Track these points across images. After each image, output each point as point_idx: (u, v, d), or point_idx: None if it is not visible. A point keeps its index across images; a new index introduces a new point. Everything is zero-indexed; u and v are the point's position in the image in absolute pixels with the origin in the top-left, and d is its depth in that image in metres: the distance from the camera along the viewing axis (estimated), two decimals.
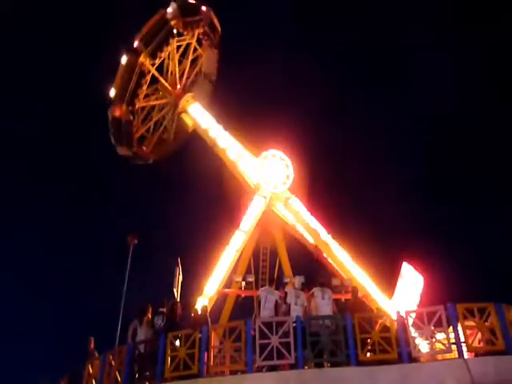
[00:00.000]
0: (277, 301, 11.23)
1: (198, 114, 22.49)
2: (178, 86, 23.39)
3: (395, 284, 18.85)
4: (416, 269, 18.96)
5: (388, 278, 19.51)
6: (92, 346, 13.00)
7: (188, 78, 23.94)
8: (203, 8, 22.62)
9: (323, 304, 11.00)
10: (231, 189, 21.35)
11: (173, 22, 21.73)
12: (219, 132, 21.58)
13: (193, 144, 23.60)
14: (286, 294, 11.62)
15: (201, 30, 23.00)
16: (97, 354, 12.32)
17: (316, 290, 11.26)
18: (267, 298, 11.22)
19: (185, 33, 22.71)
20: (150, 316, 12.04)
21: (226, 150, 21.11)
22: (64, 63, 41.31)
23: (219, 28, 23.69)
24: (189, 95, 23.16)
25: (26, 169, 40.56)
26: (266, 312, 10.97)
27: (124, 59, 21.32)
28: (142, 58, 21.39)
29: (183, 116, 23.12)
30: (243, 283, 18.90)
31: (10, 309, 33.99)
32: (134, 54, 21.38)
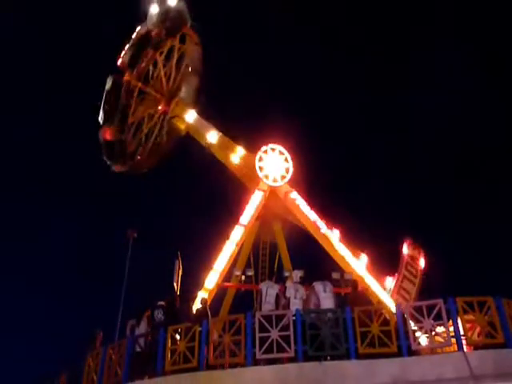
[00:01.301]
0: (277, 294, 11.26)
1: (190, 117, 21.94)
2: (166, 91, 22.55)
3: (398, 263, 20.08)
4: (417, 246, 20.55)
5: (391, 260, 20.69)
6: (100, 339, 12.92)
7: (175, 81, 23.06)
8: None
9: (324, 297, 11.02)
10: (231, 184, 21.29)
11: (154, 33, 20.49)
12: (213, 132, 21.19)
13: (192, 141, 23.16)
14: (285, 287, 11.65)
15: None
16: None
17: (317, 284, 11.27)
18: (268, 292, 11.26)
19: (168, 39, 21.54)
20: (149, 313, 12.08)
21: (222, 149, 20.83)
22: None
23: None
24: (178, 99, 22.45)
25: (26, 168, 40.45)
26: (267, 306, 11.00)
27: (109, 82, 20.02)
28: (126, 76, 20.02)
29: (175, 121, 22.41)
30: (243, 277, 18.92)
31: (10, 304, 34.13)
32: (118, 72, 20.22)
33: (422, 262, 20.44)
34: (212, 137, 21.16)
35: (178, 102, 22.32)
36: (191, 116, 21.97)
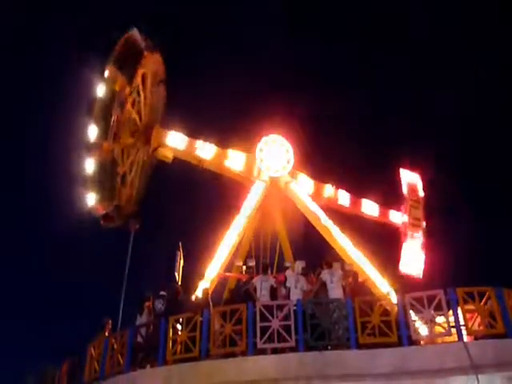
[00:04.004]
0: (272, 286, 11.33)
1: (175, 140, 20.14)
2: (141, 126, 20.05)
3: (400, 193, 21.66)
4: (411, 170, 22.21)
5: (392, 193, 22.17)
6: (109, 328, 12.92)
7: (145, 111, 20.45)
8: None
9: (332, 287, 11.06)
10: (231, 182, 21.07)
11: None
12: (202, 147, 20.04)
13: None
14: (285, 278, 11.71)
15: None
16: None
17: (324, 274, 11.30)
18: (262, 285, 11.31)
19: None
20: (150, 304, 12.15)
21: (216, 160, 20.09)
22: None
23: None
24: (157, 126, 20.29)
25: None
26: (262, 299, 11.04)
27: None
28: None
29: (160, 151, 20.21)
30: (244, 267, 18.98)
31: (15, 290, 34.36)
32: (109, 80, 17.47)
33: (421, 187, 21.85)
34: (202, 152, 20.01)
35: (157, 131, 20.13)
36: (175, 139, 20.18)
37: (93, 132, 17.30)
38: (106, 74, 17.43)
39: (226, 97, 30.45)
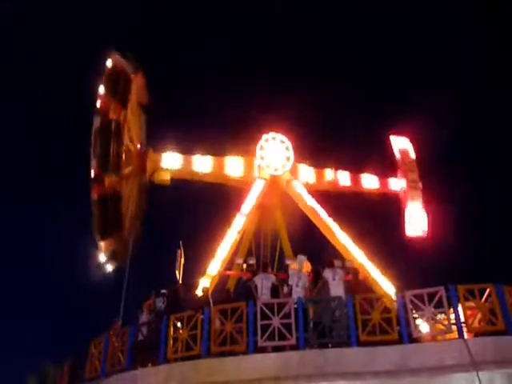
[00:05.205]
0: (273, 284, 11.35)
1: (171, 159, 19.62)
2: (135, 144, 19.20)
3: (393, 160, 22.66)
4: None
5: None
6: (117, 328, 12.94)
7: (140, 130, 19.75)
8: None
9: (334, 285, 11.08)
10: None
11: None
12: (199, 161, 19.75)
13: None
14: (288, 275, 11.73)
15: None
16: None
17: (326, 271, 11.32)
18: (263, 284, 11.32)
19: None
20: (150, 302, 12.16)
21: (215, 171, 19.85)
22: None
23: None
24: (151, 151, 19.43)
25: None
26: (263, 298, 11.06)
27: (97, 121, 16.39)
28: (111, 114, 16.44)
29: (157, 176, 19.43)
30: (244, 265, 19.00)
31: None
32: (104, 111, 16.51)
33: (412, 151, 22.62)
34: (199, 166, 19.71)
35: (151, 156, 19.31)
36: (171, 160, 19.61)
37: (93, 166, 16.23)
38: (98, 103, 16.53)
39: (223, 102, 30.51)
